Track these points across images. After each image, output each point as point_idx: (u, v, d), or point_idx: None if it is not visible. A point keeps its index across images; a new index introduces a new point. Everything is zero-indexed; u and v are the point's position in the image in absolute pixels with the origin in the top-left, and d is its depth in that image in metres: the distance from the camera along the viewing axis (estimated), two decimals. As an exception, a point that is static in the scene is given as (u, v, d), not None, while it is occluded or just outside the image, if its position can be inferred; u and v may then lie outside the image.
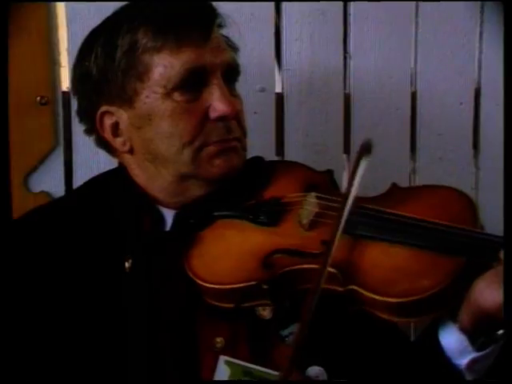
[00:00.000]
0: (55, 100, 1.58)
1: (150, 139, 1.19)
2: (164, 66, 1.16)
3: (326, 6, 1.69)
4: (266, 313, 1.10)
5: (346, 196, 1.04)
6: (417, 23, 1.76)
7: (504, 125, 1.04)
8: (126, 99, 1.18)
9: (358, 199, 1.08)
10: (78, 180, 1.59)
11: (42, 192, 1.59)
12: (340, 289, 1.03)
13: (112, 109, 1.20)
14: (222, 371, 1.09)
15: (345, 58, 1.73)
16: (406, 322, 1.05)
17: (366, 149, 1.05)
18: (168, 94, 1.16)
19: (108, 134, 1.23)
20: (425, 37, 1.76)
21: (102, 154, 1.59)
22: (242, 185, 1.21)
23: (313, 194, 1.17)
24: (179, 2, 1.20)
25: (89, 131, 1.27)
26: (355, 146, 1.75)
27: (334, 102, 1.73)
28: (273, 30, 1.67)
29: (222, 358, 1.09)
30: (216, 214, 1.18)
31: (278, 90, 1.71)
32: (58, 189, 1.59)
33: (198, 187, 1.20)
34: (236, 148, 1.21)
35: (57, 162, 1.60)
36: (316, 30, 1.70)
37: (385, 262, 1.05)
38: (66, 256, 1.17)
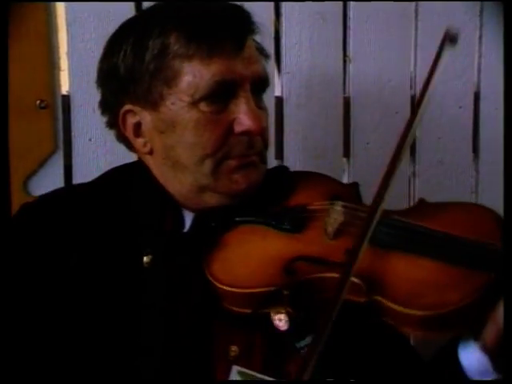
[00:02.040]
0: (55, 104, 1.58)
1: (171, 146, 1.16)
2: (193, 75, 1.13)
3: (326, 9, 1.69)
4: (282, 323, 1.06)
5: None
6: (416, 27, 1.76)
7: (504, 128, 1.04)
8: (152, 102, 1.16)
9: (383, 211, 1.06)
10: (78, 184, 1.59)
11: (42, 196, 1.58)
12: (363, 299, 1.00)
13: (136, 109, 1.18)
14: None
15: (344, 61, 1.74)
16: (428, 335, 1.02)
17: (452, 38, 1.02)
18: (194, 104, 1.13)
19: (129, 133, 1.21)
20: (424, 40, 1.76)
21: (102, 158, 1.61)
22: (266, 194, 1.19)
23: (339, 202, 1.15)
24: (215, 9, 1.17)
25: (110, 125, 1.25)
26: (355, 150, 1.76)
27: (334, 105, 1.73)
28: (272, 34, 1.67)
29: (235, 368, 1.07)
30: (238, 219, 1.17)
31: (278, 93, 1.71)
32: (57, 192, 1.58)
33: (217, 199, 1.18)
34: (255, 163, 1.18)
35: (56, 165, 1.60)
36: (315, 34, 1.70)
37: (411, 273, 1.02)
38: (81, 244, 1.16)
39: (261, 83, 1.20)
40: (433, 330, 0.99)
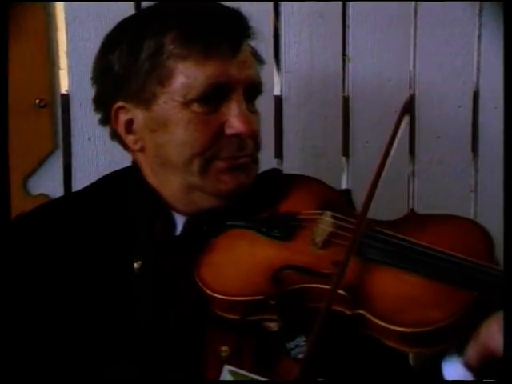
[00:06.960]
0: (54, 102, 1.58)
1: (161, 144, 1.18)
2: (187, 76, 1.14)
3: (325, 8, 1.69)
4: (272, 325, 1.08)
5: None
6: (415, 26, 1.76)
7: (503, 127, 1.04)
8: (144, 100, 1.17)
9: (373, 222, 1.09)
10: (77, 183, 1.59)
11: (41, 195, 1.58)
12: (348, 312, 1.00)
13: (128, 106, 1.19)
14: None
15: (343, 60, 1.74)
16: (412, 351, 1.03)
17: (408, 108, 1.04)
18: (186, 104, 1.15)
19: (121, 130, 1.21)
20: (423, 39, 1.76)
21: (102, 157, 1.61)
22: (257, 197, 1.20)
23: (329, 213, 1.16)
24: (212, 11, 1.18)
25: (103, 122, 1.25)
26: (354, 149, 1.76)
27: (333, 104, 1.73)
28: (272, 33, 1.68)
29: (226, 368, 1.08)
30: (229, 223, 1.17)
31: (277, 92, 1.71)
32: (57, 191, 1.59)
33: (206, 200, 1.19)
34: (246, 165, 1.19)
35: (56, 164, 1.60)
36: (315, 33, 1.70)
37: (396, 289, 1.03)
38: (74, 251, 1.17)
39: (253, 88, 1.20)
40: (416, 346, 0.99)
